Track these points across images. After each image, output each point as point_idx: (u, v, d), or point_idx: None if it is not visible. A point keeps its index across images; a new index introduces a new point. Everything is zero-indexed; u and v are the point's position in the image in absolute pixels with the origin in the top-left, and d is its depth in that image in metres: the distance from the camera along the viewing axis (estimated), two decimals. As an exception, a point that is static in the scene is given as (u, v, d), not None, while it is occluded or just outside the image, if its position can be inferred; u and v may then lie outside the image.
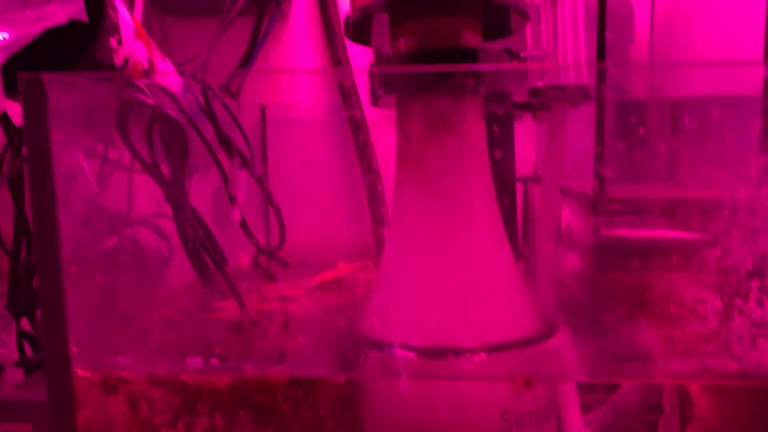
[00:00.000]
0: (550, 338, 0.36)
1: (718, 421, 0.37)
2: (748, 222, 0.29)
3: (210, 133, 0.50)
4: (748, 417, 0.37)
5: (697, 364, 0.30)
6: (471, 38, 0.37)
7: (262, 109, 0.74)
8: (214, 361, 0.33)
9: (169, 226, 0.47)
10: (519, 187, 0.61)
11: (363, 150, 0.71)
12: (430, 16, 0.37)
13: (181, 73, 0.58)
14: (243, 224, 0.53)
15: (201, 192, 0.52)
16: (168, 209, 0.44)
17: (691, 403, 0.37)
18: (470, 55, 0.36)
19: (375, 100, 0.41)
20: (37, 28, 0.35)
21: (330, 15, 0.71)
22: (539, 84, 0.43)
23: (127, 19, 0.42)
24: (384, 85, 0.38)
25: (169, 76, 0.50)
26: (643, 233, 0.42)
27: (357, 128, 0.71)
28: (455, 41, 0.37)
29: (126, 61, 0.42)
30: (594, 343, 0.37)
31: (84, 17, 0.37)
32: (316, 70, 0.78)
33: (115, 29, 0.40)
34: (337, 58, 0.71)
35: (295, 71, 0.78)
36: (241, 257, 0.64)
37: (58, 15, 0.36)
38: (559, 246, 0.47)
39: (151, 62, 0.45)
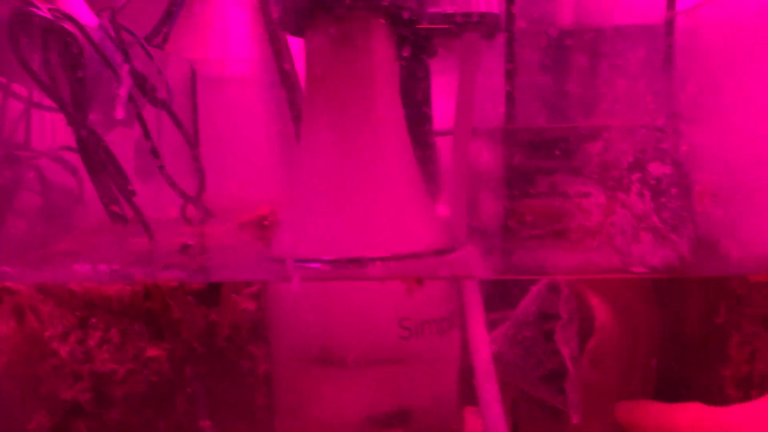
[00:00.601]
0: (453, 252, 0.37)
1: (616, 333, 0.38)
2: (629, 115, 0.29)
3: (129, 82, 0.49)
4: (643, 326, 0.38)
5: (584, 260, 0.30)
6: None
7: (192, 65, 0.73)
8: (102, 267, 0.32)
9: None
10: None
11: (293, 105, 0.70)
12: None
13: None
14: (162, 171, 0.52)
15: (125, 144, 0.51)
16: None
17: (590, 318, 0.38)
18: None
19: (284, 24, 0.40)
20: None
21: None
22: (449, 9, 0.43)
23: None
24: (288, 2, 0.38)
25: (79, 8, 0.48)
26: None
27: (288, 81, 0.70)
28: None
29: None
30: (498, 256, 0.37)
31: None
32: None
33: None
34: (269, 15, 0.70)
35: None
36: (169, 210, 0.63)
37: None
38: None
39: (54, -12, 0.44)
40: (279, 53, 0.68)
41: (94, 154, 0.41)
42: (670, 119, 0.29)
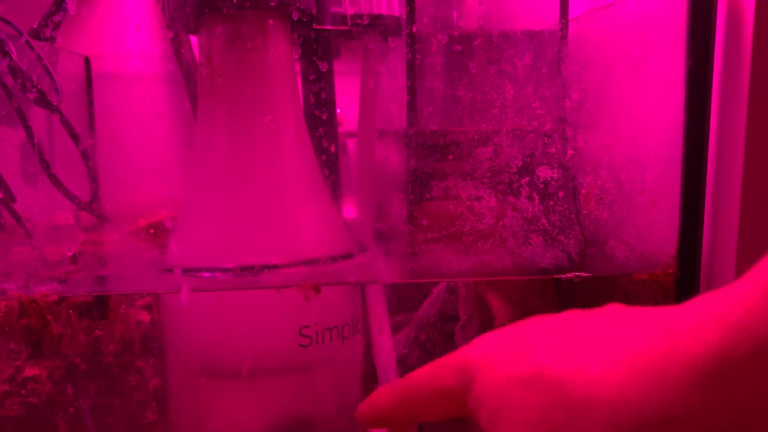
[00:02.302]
0: (356, 258, 0.36)
1: (511, 316, 0.39)
2: (517, 120, 0.30)
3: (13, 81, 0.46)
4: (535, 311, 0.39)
5: (478, 262, 0.31)
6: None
7: (87, 61, 0.69)
8: (-29, 283, 0.30)
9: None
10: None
11: (194, 100, 0.68)
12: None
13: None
14: (50, 175, 0.49)
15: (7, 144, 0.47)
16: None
17: (491, 317, 0.39)
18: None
19: (171, 22, 0.39)
20: None
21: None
22: (350, 11, 0.42)
23: None
24: (180, -1, 0.37)
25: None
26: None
27: (189, 76, 0.67)
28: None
29: None
30: (399, 262, 0.37)
31: None
32: None
33: None
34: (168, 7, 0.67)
35: None
36: (60, 214, 0.59)
37: None
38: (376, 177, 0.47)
39: None
40: (178, 45, 0.65)
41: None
42: (557, 124, 0.30)
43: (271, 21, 0.37)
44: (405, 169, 0.42)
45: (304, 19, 0.39)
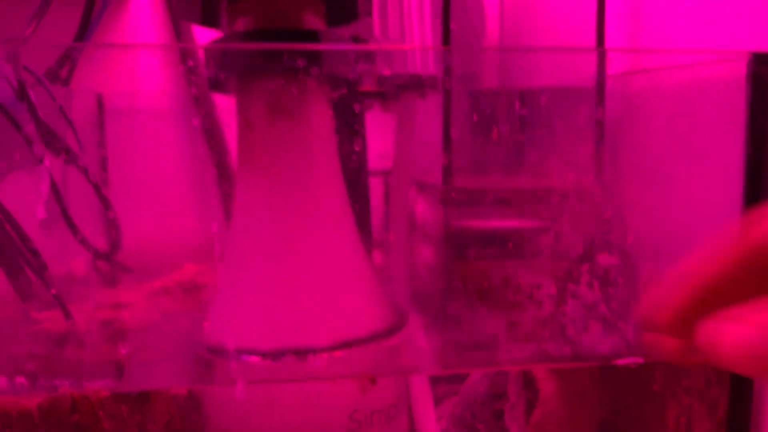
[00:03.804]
0: (399, 332, 0.36)
1: (560, 403, 0.38)
2: (578, 208, 0.30)
3: (31, 123, 0.45)
4: (587, 396, 0.39)
5: (536, 349, 0.30)
6: (313, 21, 0.36)
7: (99, 98, 0.68)
8: (20, 379, 0.29)
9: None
10: (380, 182, 0.61)
11: (212, 139, 0.67)
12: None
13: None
14: (70, 224, 0.48)
15: (24, 191, 0.46)
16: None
17: (535, 389, 0.39)
18: (310, 36, 0.35)
19: (214, 85, 0.38)
20: None
21: (174, -3, 0.66)
22: (386, 72, 0.42)
23: None
24: (221, 66, 0.36)
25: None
26: (485, 224, 0.42)
27: (204, 114, 0.67)
28: (295, 23, 0.35)
29: None
30: (443, 334, 0.37)
31: None
32: (154, 45, 0.72)
33: None
34: (184, 40, 0.67)
35: (133, 46, 0.72)
36: (77, 263, 0.58)
37: None
38: (414, 238, 0.47)
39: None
40: (203, 105, 0.65)
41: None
42: (617, 211, 0.30)
43: (315, 88, 0.36)
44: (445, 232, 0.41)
45: (350, 83, 0.38)
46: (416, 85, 0.43)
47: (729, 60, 0.31)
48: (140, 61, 0.73)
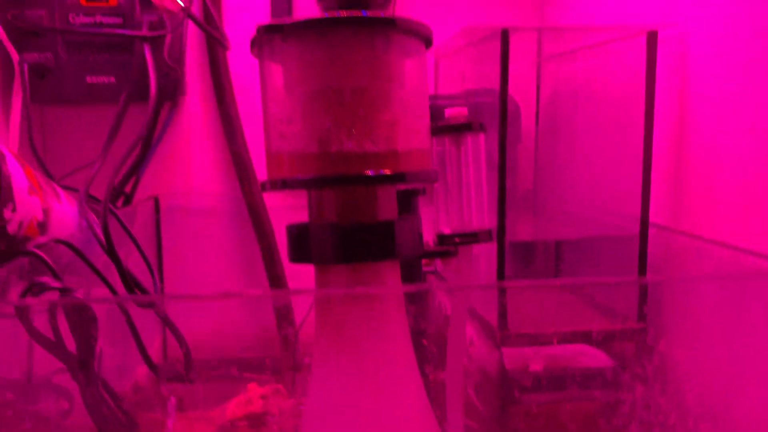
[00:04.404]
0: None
1: None
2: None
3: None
4: None
5: None
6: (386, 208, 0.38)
7: (156, 201, 0.71)
8: None
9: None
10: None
11: (266, 246, 0.71)
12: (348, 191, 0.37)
13: (73, 189, 0.54)
14: (143, 350, 0.51)
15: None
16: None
17: None
18: (386, 228, 0.37)
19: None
20: None
21: (228, 106, 0.70)
22: (446, 231, 0.44)
23: (20, 178, 0.39)
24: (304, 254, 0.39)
25: (64, 213, 0.47)
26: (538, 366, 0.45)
27: (259, 223, 0.70)
28: (372, 216, 0.38)
29: (20, 225, 0.39)
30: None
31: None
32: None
33: (9, 199, 0.37)
34: (237, 150, 0.70)
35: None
36: (138, 370, 0.61)
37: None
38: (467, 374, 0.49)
39: (46, 212, 0.42)
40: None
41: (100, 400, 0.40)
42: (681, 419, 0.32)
43: (391, 266, 0.39)
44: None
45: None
46: (473, 240, 0.45)
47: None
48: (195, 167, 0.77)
